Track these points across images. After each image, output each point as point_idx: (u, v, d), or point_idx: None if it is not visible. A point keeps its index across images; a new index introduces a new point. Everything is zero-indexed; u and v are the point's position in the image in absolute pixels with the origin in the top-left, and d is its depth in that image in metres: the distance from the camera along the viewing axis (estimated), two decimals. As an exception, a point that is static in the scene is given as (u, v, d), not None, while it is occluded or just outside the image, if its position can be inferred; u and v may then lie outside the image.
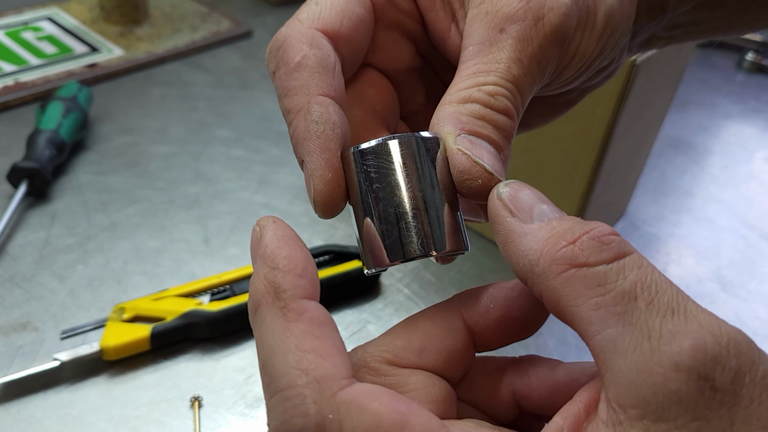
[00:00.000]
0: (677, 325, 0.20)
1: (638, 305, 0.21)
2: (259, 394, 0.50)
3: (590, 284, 0.21)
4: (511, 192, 0.25)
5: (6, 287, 0.55)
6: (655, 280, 0.21)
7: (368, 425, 0.21)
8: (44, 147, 0.64)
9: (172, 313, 0.52)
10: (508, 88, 0.27)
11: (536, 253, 0.23)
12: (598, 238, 0.22)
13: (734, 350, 0.20)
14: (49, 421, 0.46)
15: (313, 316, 0.23)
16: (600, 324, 0.21)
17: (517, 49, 0.27)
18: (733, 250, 0.71)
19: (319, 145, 0.25)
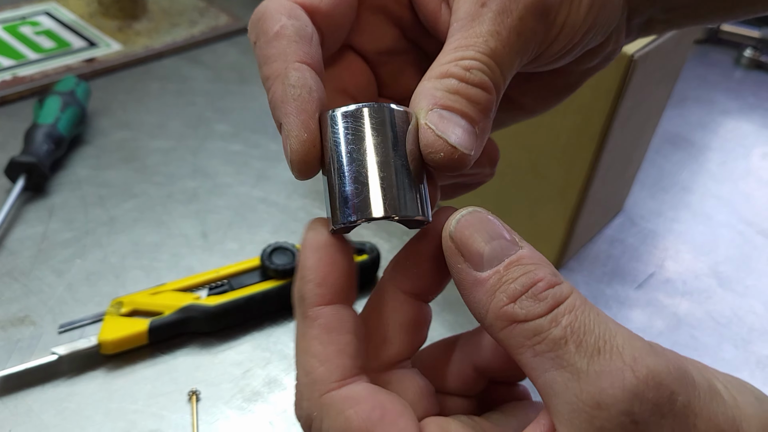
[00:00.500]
0: (602, 364, 0.22)
1: (569, 348, 0.23)
2: (257, 389, 0.50)
3: (528, 336, 0.24)
4: (460, 229, 0.26)
5: (4, 281, 0.55)
6: (584, 321, 0.23)
7: (340, 428, 0.24)
8: (42, 141, 0.64)
9: (169, 308, 0.52)
10: (485, 61, 0.27)
11: (484, 308, 0.25)
12: (535, 295, 0.24)
13: (653, 383, 0.22)
14: (47, 415, 0.46)
15: (324, 323, 0.26)
16: (539, 369, 0.23)
17: (495, 22, 0.27)
18: (731, 246, 0.71)
19: (295, 107, 0.26)
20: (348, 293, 0.27)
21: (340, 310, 0.26)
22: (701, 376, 0.23)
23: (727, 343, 0.59)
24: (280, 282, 0.55)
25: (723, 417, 0.22)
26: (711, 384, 0.23)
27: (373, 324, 0.29)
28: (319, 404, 0.25)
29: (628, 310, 0.61)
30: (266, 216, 0.65)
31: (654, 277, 0.65)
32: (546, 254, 0.64)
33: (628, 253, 0.68)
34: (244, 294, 0.53)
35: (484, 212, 0.26)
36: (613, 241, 0.69)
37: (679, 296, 0.63)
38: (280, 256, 0.55)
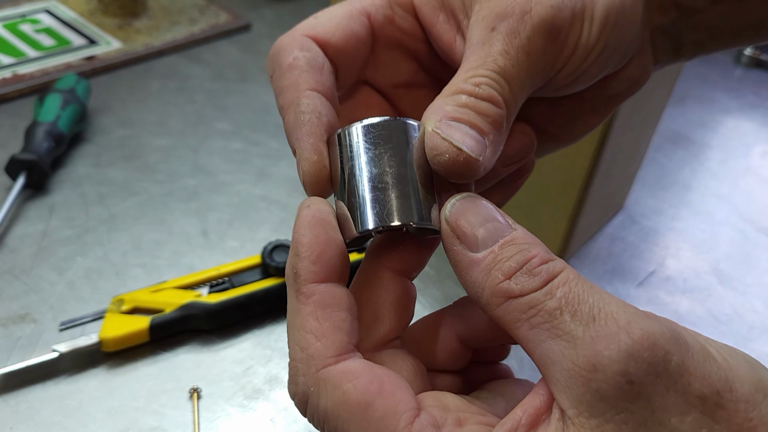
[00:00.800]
0: (597, 329, 0.23)
1: (564, 318, 0.23)
2: (258, 386, 0.50)
3: (524, 309, 0.24)
4: (455, 214, 0.26)
5: (5, 279, 0.55)
6: (578, 292, 0.24)
7: (338, 402, 0.25)
8: (42, 139, 0.64)
9: (170, 305, 0.52)
10: (494, 78, 0.28)
11: (480, 286, 0.25)
12: (530, 271, 0.24)
13: (647, 343, 0.22)
14: (48, 412, 0.46)
15: (319, 299, 0.26)
16: (536, 341, 0.24)
17: (505, 42, 0.28)
18: (731, 244, 0.71)
19: (305, 132, 0.28)
20: (342, 272, 0.27)
21: (333, 288, 0.26)
22: (695, 340, 0.23)
23: (727, 341, 0.59)
24: (281, 280, 0.55)
25: (716, 377, 0.22)
26: (704, 347, 0.23)
27: (362, 303, 0.29)
28: (315, 379, 0.25)
29: (628, 308, 0.61)
30: (267, 214, 0.65)
31: (655, 275, 0.65)
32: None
33: (629, 251, 0.68)
34: (245, 292, 0.53)
35: (478, 197, 0.27)
36: (614, 239, 0.69)
37: (680, 294, 0.63)
38: (281, 253, 0.55)
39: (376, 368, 0.26)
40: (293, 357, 0.26)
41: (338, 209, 0.28)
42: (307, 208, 0.27)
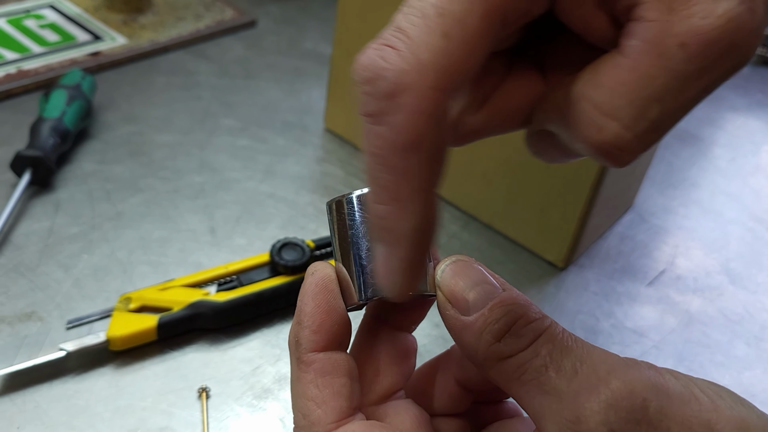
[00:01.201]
0: (579, 382, 0.24)
1: (550, 374, 0.24)
2: (267, 386, 0.49)
3: (514, 369, 0.25)
4: (446, 278, 0.27)
5: (10, 277, 0.55)
6: (561, 349, 0.25)
7: None
8: (48, 135, 0.64)
9: (178, 304, 0.51)
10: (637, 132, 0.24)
11: (474, 349, 0.26)
12: (517, 332, 0.25)
13: (625, 392, 0.23)
14: (55, 412, 0.46)
15: (319, 367, 0.27)
16: (528, 397, 0.25)
17: (687, 80, 0.23)
18: (741, 243, 0.70)
19: (415, 256, 0.26)
20: (342, 339, 0.28)
21: (333, 355, 0.28)
22: (677, 383, 0.24)
23: (739, 340, 0.59)
24: (289, 278, 0.54)
25: (697, 420, 0.23)
26: (687, 390, 0.24)
27: (363, 360, 0.30)
28: None
29: (639, 307, 0.60)
30: (274, 211, 0.64)
31: (665, 274, 0.65)
32: (557, 251, 0.64)
33: (639, 249, 0.67)
34: (253, 290, 0.53)
35: (468, 260, 0.28)
36: (624, 238, 0.68)
37: (691, 293, 0.63)
38: (290, 251, 0.55)
39: (376, 429, 0.27)
40: (296, 423, 0.28)
41: (339, 272, 0.29)
42: (312, 275, 0.28)
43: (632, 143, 0.24)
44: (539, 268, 0.63)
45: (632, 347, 0.56)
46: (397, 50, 0.22)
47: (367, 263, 0.28)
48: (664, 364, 0.25)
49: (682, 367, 0.55)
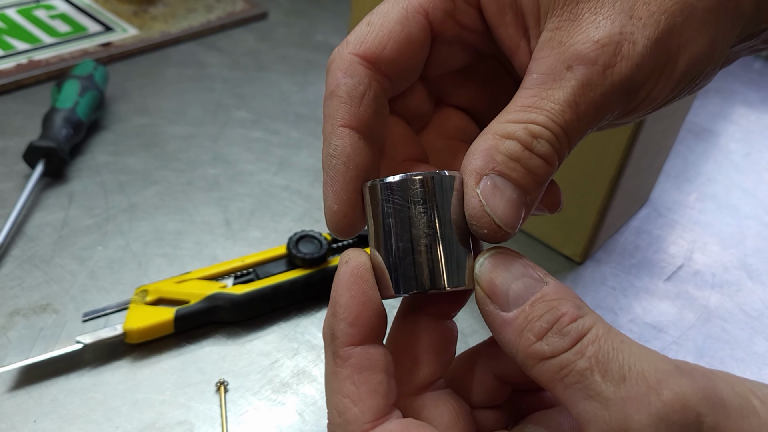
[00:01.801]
0: (627, 389, 0.23)
1: (595, 378, 0.23)
2: (285, 380, 0.49)
3: (556, 370, 0.24)
4: (485, 273, 0.26)
5: (25, 268, 0.54)
6: (608, 350, 0.24)
7: None
8: (61, 126, 0.63)
9: (195, 296, 0.51)
10: (555, 132, 0.26)
11: (514, 347, 0.25)
12: (560, 330, 0.24)
13: (678, 405, 0.22)
14: (72, 405, 0.45)
15: (355, 362, 0.26)
16: (572, 401, 0.24)
17: (577, 93, 0.26)
18: (758, 238, 0.70)
19: (330, 177, 0.28)
20: (379, 331, 0.27)
21: (370, 350, 0.27)
22: (734, 392, 0.23)
23: (759, 336, 0.58)
24: (307, 271, 0.53)
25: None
26: (745, 400, 0.23)
27: (401, 349, 0.30)
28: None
29: (658, 302, 0.60)
30: (289, 204, 0.64)
31: (683, 269, 0.64)
32: (574, 245, 0.63)
33: (655, 244, 0.67)
34: (270, 283, 0.52)
35: (508, 252, 0.27)
36: (640, 233, 0.68)
37: (709, 289, 0.62)
38: (307, 244, 0.54)
39: (412, 428, 0.26)
40: (331, 420, 0.27)
41: (374, 260, 0.28)
42: (346, 264, 0.27)
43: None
44: (556, 262, 0.62)
45: (652, 343, 0.56)
46: (340, 44, 0.29)
47: (404, 254, 0.27)
48: (684, 359, 0.24)
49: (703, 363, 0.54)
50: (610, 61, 0.26)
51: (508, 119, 0.27)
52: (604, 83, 0.26)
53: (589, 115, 0.26)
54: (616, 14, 0.26)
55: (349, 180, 0.28)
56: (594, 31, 0.26)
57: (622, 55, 0.26)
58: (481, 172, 0.26)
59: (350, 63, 0.29)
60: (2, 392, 0.45)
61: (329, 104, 0.28)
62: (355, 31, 0.29)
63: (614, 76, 0.26)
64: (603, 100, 0.26)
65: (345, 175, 0.28)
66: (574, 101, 0.26)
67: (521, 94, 0.27)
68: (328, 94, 0.29)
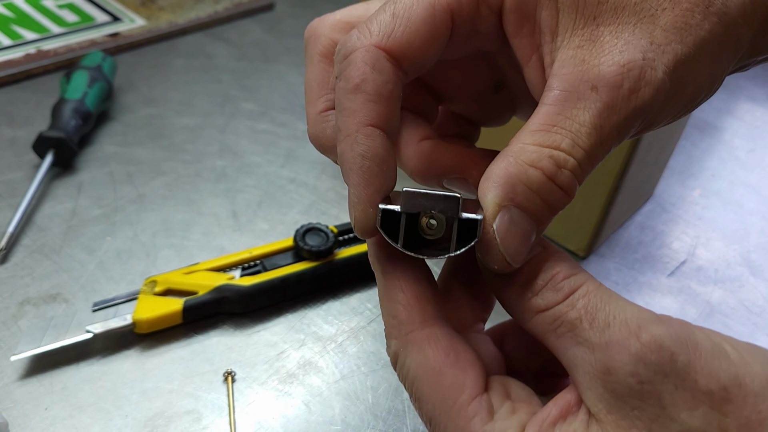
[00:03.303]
0: (610, 335, 0.25)
1: (584, 326, 0.25)
2: (292, 371, 0.49)
3: (550, 321, 0.27)
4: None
5: (35, 258, 0.55)
6: (596, 302, 0.26)
7: (419, 363, 0.28)
8: (70, 117, 0.64)
9: (204, 287, 0.51)
10: (580, 158, 0.26)
11: (512, 302, 0.28)
12: (554, 286, 0.27)
13: (654, 346, 0.24)
14: (83, 393, 0.46)
15: (399, 274, 0.29)
16: (562, 348, 0.26)
17: (602, 116, 0.26)
18: (761, 235, 0.70)
19: (364, 180, 0.28)
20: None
21: (414, 266, 0.29)
22: (708, 339, 0.25)
23: (760, 332, 0.59)
24: (313, 263, 0.54)
25: (725, 373, 0.24)
26: (718, 346, 0.25)
27: (449, 287, 0.32)
28: (405, 341, 0.28)
29: (661, 297, 0.60)
30: (296, 196, 0.64)
31: (685, 264, 0.65)
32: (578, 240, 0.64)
33: (659, 239, 0.67)
34: (277, 275, 0.53)
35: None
36: (644, 228, 0.68)
37: (712, 284, 0.63)
38: (314, 237, 0.55)
39: (457, 340, 0.28)
40: (386, 323, 0.29)
41: None
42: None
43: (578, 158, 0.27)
44: (560, 256, 0.63)
45: (654, 337, 0.56)
46: (359, 29, 0.28)
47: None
48: None
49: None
50: (635, 85, 0.26)
51: (533, 141, 0.27)
52: (628, 107, 0.26)
53: (612, 138, 0.27)
54: (636, 39, 0.27)
55: (383, 182, 0.28)
56: (618, 55, 0.26)
57: (645, 80, 0.26)
58: (501, 203, 0.26)
59: (378, 58, 0.28)
60: (14, 380, 0.46)
61: (353, 99, 0.28)
62: (378, 21, 0.28)
63: (638, 100, 0.26)
64: (625, 123, 0.27)
65: (378, 176, 0.28)
66: (599, 123, 0.26)
67: (543, 110, 0.27)
68: (353, 88, 0.28)
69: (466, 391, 0.27)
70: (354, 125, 0.28)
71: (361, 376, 0.50)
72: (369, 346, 0.52)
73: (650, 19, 0.27)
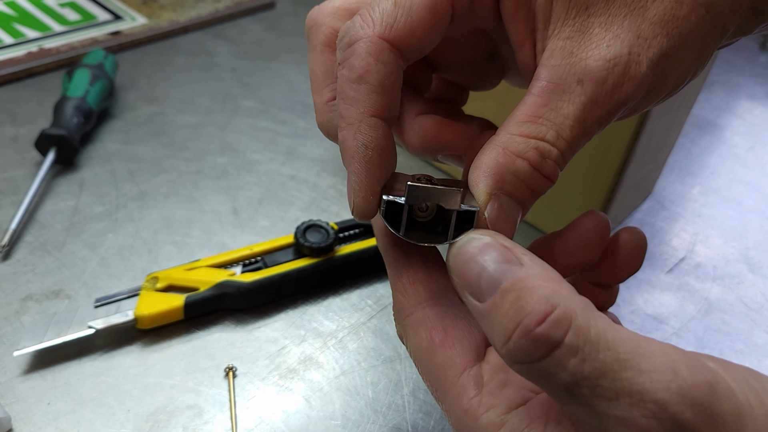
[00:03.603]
0: (623, 411, 0.21)
1: (583, 392, 0.22)
2: (292, 366, 0.50)
3: (538, 377, 0.23)
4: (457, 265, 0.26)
5: (37, 254, 0.55)
6: (594, 364, 0.22)
7: (416, 345, 0.30)
8: (72, 114, 0.64)
9: (205, 284, 0.52)
10: (562, 149, 0.28)
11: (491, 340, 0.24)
12: (527, 335, 0.22)
13: (679, 422, 0.21)
14: (85, 388, 0.46)
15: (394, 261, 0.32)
16: (564, 403, 0.23)
17: (586, 109, 0.27)
18: (760, 232, 0.70)
19: (365, 169, 0.29)
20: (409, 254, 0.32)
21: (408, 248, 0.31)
22: (731, 393, 0.22)
23: (758, 328, 0.59)
24: (314, 260, 0.54)
25: None
26: (740, 402, 0.22)
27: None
28: (404, 326, 0.30)
29: (659, 294, 0.61)
30: (297, 193, 0.65)
31: (684, 261, 0.65)
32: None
33: (658, 236, 0.67)
34: (278, 271, 0.53)
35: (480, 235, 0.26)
36: (643, 225, 0.68)
37: (710, 281, 0.63)
38: (314, 233, 0.55)
39: (447, 319, 0.29)
40: (393, 310, 0.32)
41: None
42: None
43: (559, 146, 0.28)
44: (560, 253, 0.63)
45: (653, 334, 0.57)
46: (362, 17, 0.29)
47: None
48: None
49: (702, 354, 0.55)
50: (619, 80, 0.27)
51: (520, 132, 0.27)
52: (611, 101, 0.27)
53: (593, 129, 0.28)
54: (624, 33, 0.27)
55: (384, 171, 0.29)
56: (605, 50, 0.27)
57: (629, 75, 0.27)
58: (491, 192, 0.27)
59: (382, 49, 0.28)
60: (17, 375, 0.46)
61: (357, 89, 0.28)
62: (381, 9, 0.29)
63: (620, 95, 0.27)
64: (607, 116, 0.28)
65: (380, 166, 0.29)
66: (582, 117, 0.27)
67: (530, 100, 0.28)
68: (356, 78, 0.28)
69: (454, 368, 0.28)
70: (357, 115, 0.28)
71: (361, 372, 0.50)
72: (369, 342, 0.52)
73: (640, 11, 0.27)
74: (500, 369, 0.28)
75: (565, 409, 0.24)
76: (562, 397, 0.23)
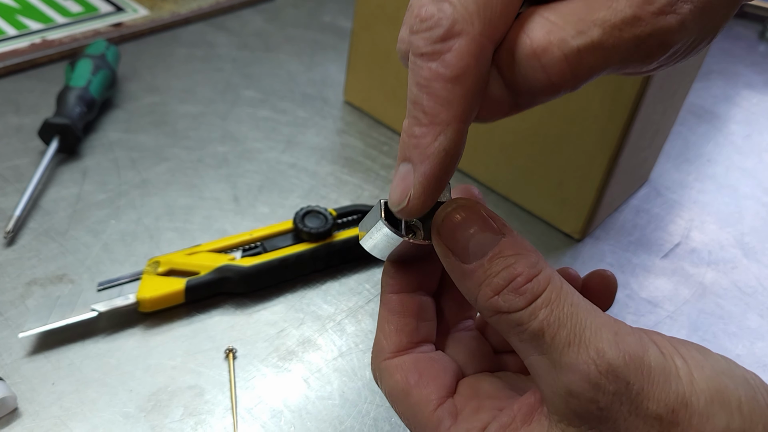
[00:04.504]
0: (571, 356, 0.26)
1: (546, 340, 0.27)
2: (291, 348, 0.51)
3: (512, 325, 0.27)
4: (446, 228, 0.29)
5: (41, 240, 0.56)
6: (558, 316, 0.27)
7: (390, 387, 0.32)
8: (75, 104, 0.65)
9: (205, 268, 0.53)
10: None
11: (473, 296, 0.28)
12: (516, 290, 0.27)
13: (612, 376, 0.26)
14: (88, 369, 0.47)
15: (390, 307, 0.33)
16: (525, 352, 0.28)
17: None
18: (756, 218, 0.71)
19: (437, 174, 0.27)
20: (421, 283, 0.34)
21: (405, 298, 0.33)
22: (660, 357, 0.27)
23: (752, 312, 0.60)
24: (312, 245, 0.55)
25: (673, 396, 0.26)
26: (668, 364, 0.26)
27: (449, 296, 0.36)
28: (380, 368, 0.33)
29: (654, 279, 0.61)
30: (296, 181, 0.66)
31: (680, 246, 0.66)
32: (574, 222, 0.65)
33: (654, 222, 0.68)
34: (277, 256, 0.54)
35: (468, 204, 0.29)
36: (639, 211, 0.69)
37: (705, 266, 0.64)
38: (313, 219, 0.56)
39: (422, 362, 0.32)
40: (372, 349, 0.34)
41: None
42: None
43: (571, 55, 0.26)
44: (556, 239, 0.64)
45: (647, 317, 0.57)
46: (451, 3, 0.25)
47: None
48: (677, 334, 0.28)
49: (696, 337, 0.56)
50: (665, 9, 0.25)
51: None
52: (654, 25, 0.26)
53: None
54: None
55: (449, 178, 0.28)
56: None
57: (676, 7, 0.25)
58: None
59: (483, 49, 0.26)
60: (22, 356, 0.47)
61: (452, 90, 0.26)
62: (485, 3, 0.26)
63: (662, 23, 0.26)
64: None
65: (449, 174, 0.28)
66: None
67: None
68: (452, 78, 0.26)
69: (431, 403, 0.31)
70: (447, 117, 0.26)
71: (358, 354, 0.51)
72: (367, 325, 0.53)
73: None
74: (472, 397, 0.32)
75: (527, 362, 0.28)
76: (526, 348, 0.27)
